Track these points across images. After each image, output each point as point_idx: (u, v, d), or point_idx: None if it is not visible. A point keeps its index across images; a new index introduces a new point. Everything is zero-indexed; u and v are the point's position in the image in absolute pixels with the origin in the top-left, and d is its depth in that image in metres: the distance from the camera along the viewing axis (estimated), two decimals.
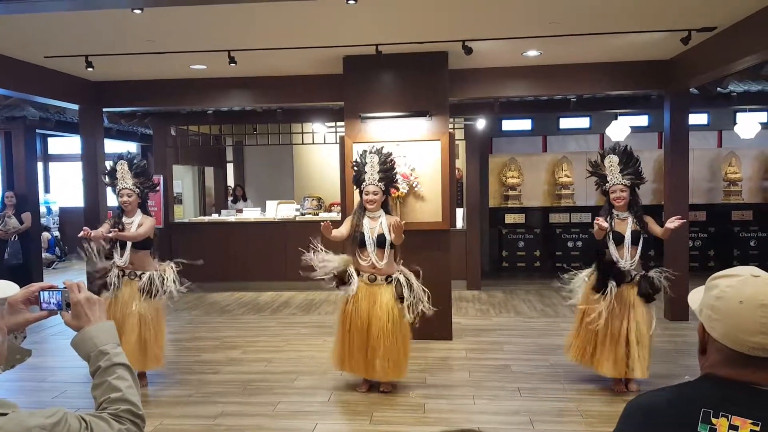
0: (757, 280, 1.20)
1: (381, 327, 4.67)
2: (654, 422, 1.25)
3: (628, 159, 4.80)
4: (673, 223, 4.63)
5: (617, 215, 4.80)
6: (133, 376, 1.44)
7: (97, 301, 1.48)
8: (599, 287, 4.73)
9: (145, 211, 5.21)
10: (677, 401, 1.25)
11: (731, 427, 1.15)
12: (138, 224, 5.09)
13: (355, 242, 4.81)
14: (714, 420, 1.17)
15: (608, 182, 4.81)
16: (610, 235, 4.75)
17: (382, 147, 5.04)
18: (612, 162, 4.79)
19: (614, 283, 4.66)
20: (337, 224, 4.93)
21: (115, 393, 1.37)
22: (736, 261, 9.92)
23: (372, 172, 4.82)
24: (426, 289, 4.84)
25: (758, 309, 1.17)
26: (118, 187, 5.11)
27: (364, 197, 4.84)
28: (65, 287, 1.48)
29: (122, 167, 5.09)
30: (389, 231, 4.75)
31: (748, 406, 1.16)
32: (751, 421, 1.14)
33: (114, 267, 5.04)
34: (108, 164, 5.35)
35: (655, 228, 4.79)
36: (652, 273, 4.75)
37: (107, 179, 5.22)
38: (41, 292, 1.49)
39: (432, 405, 4.64)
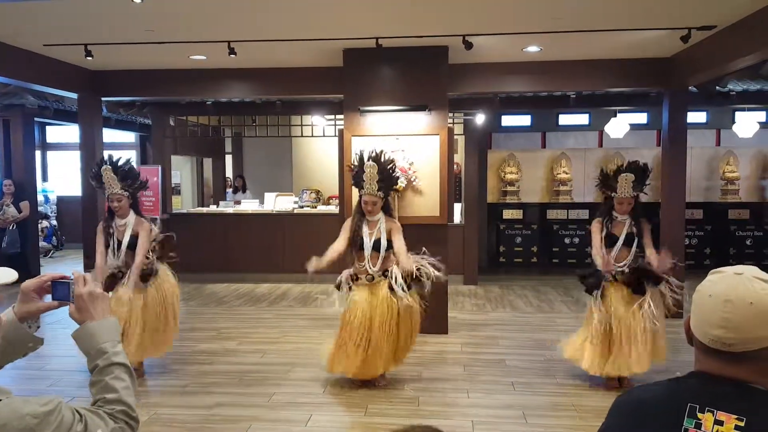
0: (736, 277, 1.22)
1: (384, 320, 4.67)
2: (642, 416, 1.27)
3: (643, 175, 4.78)
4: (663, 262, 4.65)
5: (616, 218, 4.83)
6: (131, 376, 1.43)
7: (99, 296, 1.46)
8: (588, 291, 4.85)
9: (137, 212, 5.13)
10: (665, 396, 1.27)
11: (716, 421, 1.17)
12: (132, 229, 5.03)
13: (354, 246, 4.81)
14: (700, 415, 1.19)
15: (617, 193, 4.76)
16: (603, 235, 4.81)
17: (381, 152, 4.93)
18: (627, 179, 4.71)
19: (598, 291, 4.76)
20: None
21: (111, 394, 1.37)
22: (732, 260, 9.95)
23: (371, 182, 4.72)
24: (427, 273, 4.79)
25: (722, 303, 1.20)
26: (106, 192, 5.02)
27: (363, 204, 4.80)
28: (73, 279, 1.47)
29: (107, 173, 4.94)
30: (387, 235, 4.77)
31: (733, 402, 1.18)
32: (736, 416, 1.16)
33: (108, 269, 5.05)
34: (94, 168, 5.29)
35: (647, 241, 4.78)
36: (641, 263, 4.80)
37: (95, 183, 5.13)
38: (53, 282, 1.48)
39: (426, 398, 4.67)
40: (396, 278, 4.70)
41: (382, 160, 4.83)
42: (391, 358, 4.78)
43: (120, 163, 5.04)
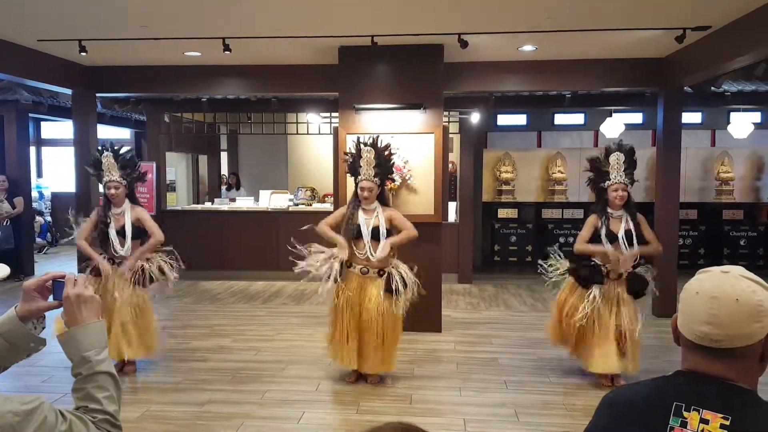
0: (723, 275, 1.24)
1: (369, 319, 4.69)
2: (628, 414, 1.27)
3: (631, 158, 4.77)
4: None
5: (611, 213, 4.79)
6: (115, 384, 1.40)
7: (87, 300, 1.42)
8: (582, 283, 4.79)
9: (134, 201, 5.14)
10: (651, 394, 1.28)
11: (702, 420, 1.18)
12: (131, 216, 5.03)
13: (351, 234, 4.78)
14: (686, 413, 1.20)
15: (609, 180, 4.75)
16: (603, 233, 4.76)
17: (378, 137, 4.91)
18: (618, 160, 4.73)
19: (598, 287, 4.74)
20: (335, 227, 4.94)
21: (93, 404, 1.34)
22: (726, 260, 9.97)
23: (367, 168, 4.72)
24: (418, 282, 4.81)
25: (709, 300, 1.21)
26: (104, 179, 5.01)
27: (359, 191, 4.78)
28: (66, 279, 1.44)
29: (108, 159, 4.96)
30: (387, 224, 4.76)
31: (719, 401, 1.19)
32: (722, 415, 1.17)
33: (105, 256, 5.04)
34: (94, 154, 5.27)
35: (645, 232, 4.79)
36: (639, 270, 4.78)
37: (92, 170, 5.11)
38: (54, 281, 1.46)
39: (419, 396, 4.67)
40: (397, 280, 4.70)
41: (379, 145, 4.81)
42: (378, 359, 4.77)
43: (122, 151, 5.07)
